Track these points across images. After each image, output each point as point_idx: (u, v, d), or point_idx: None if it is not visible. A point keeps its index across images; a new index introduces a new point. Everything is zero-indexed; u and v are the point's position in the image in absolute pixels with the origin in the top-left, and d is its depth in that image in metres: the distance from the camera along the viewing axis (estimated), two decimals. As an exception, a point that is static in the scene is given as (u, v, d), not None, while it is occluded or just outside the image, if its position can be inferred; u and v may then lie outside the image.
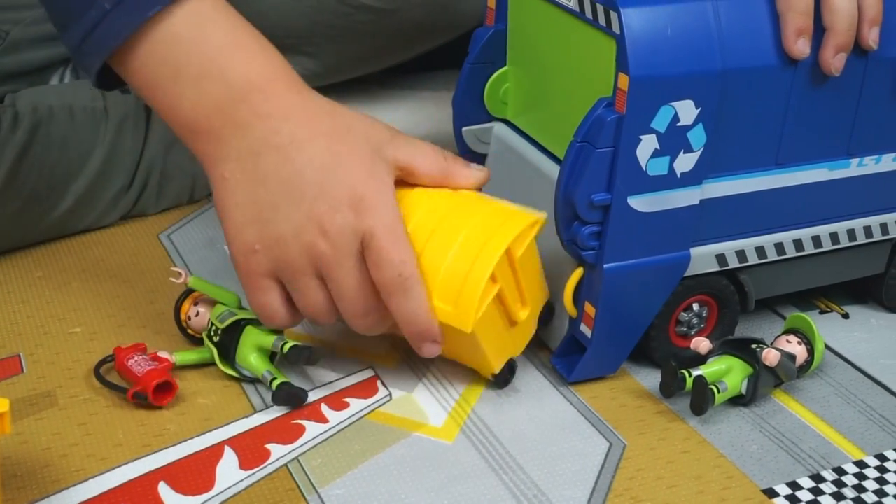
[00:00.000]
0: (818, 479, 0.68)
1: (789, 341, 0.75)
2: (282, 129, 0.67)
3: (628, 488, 0.66)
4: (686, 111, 0.68)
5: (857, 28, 0.71)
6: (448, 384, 0.75)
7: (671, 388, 0.72)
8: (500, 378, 0.74)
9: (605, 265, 0.71)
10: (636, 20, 0.67)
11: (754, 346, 0.73)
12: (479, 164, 0.75)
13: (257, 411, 0.71)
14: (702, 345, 0.74)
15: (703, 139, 0.70)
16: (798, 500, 0.66)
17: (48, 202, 0.89)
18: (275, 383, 0.71)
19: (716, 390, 0.71)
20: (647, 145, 0.68)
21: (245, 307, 0.75)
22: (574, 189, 0.69)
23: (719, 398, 0.71)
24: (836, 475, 0.68)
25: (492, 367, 0.73)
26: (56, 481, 0.65)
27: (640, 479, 0.67)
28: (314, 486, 0.65)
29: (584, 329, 0.73)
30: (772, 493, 0.66)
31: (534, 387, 0.75)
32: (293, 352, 0.71)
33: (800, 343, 0.75)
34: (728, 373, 0.72)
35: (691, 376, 0.72)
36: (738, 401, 0.74)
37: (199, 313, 0.76)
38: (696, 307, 0.76)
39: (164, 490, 0.64)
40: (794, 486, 0.67)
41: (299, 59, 0.96)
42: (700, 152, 0.70)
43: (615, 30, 0.67)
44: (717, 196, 0.73)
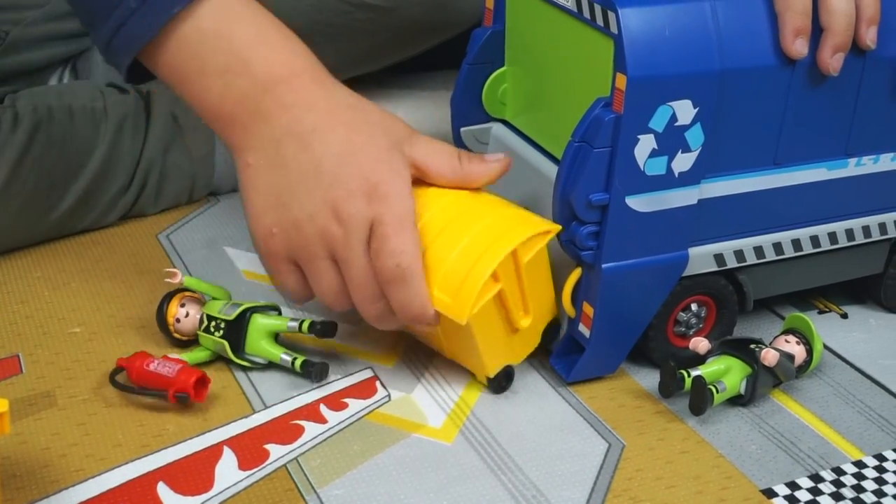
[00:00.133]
0: (817, 479, 0.68)
1: (788, 341, 0.76)
2: (304, 118, 0.69)
3: (627, 488, 0.66)
4: (684, 111, 0.68)
5: (855, 28, 0.71)
6: (447, 385, 0.75)
7: (670, 388, 0.72)
8: (495, 383, 0.74)
9: (604, 265, 0.71)
10: (634, 20, 0.67)
11: (753, 346, 0.73)
12: (498, 154, 0.74)
13: (256, 411, 0.72)
14: (700, 345, 0.74)
15: (701, 139, 0.70)
16: (797, 500, 0.66)
17: (48, 202, 0.89)
18: (297, 363, 0.73)
19: (714, 390, 0.71)
20: (645, 145, 0.68)
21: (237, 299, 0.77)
22: (572, 189, 0.69)
23: (718, 398, 0.71)
24: (834, 475, 0.68)
25: (486, 370, 0.73)
26: (55, 481, 0.65)
27: (638, 479, 0.67)
28: (313, 487, 0.65)
29: (583, 329, 0.73)
30: (771, 493, 0.66)
31: (532, 387, 0.75)
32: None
33: (798, 343, 0.75)
34: (727, 373, 0.72)
35: (690, 376, 0.72)
36: (736, 401, 0.74)
37: (188, 314, 0.76)
38: (694, 307, 0.76)
39: (163, 490, 0.64)
40: (793, 486, 0.67)
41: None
42: (698, 152, 0.70)
43: (613, 30, 0.67)
44: (715, 196, 0.73)
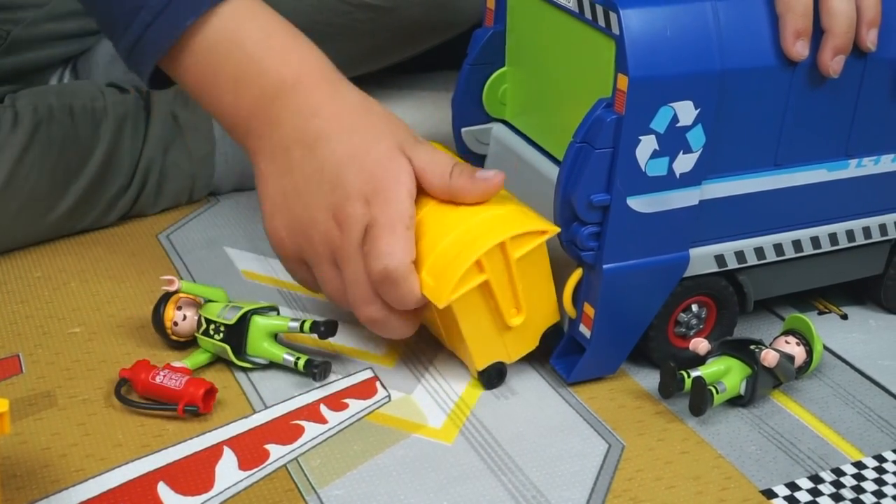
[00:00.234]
0: (817, 479, 0.68)
1: (788, 342, 0.76)
2: (309, 125, 0.71)
3: (627, 489, 0.66)
4: (685, 112, 0.69)
5: (856, 30, 0.71)
6: (447, 385, 0.75)
7: (670, 388, 0.72)
8: (485, 377, 0.74)
9: (605, 266, 0.71)
10: (635, 21, 0.67)
11: (753, 347, 0.73)
12: (495, 170, 0.73)
13: (256, 412, 0.71)
14: (700, 345, 0.74)
15: (703, 140, 0.70)
16: (796, 501, 0.66)
17: (48, 202, 0.89)
18: (300, 363, 0.73)
19: (714, 391, 0.71)
20: (647, 146, 0.68)
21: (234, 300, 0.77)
22: (573, 189, 0.69)
23: (718, 399, 0.72)
24: (834, 476, 0.68)
25: (475, 362, 0.73)
26: (55, 481, 0.65)
27: (638, 479, 0.67)
28: (313, 487, 0.65)
29: (583, 330, 0.73)
30: (770, 493, 0.66)
31: (532, 388, 0.75)
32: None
33: (798, 344, 0.75)
34: (727, 373, 0.73)
35: (690, 377, 0.72)
36: (736, 401, 0.74)
37: (185, 317, 0.76)
38: (694, 308, 0.76)
39: (163, 490, 0.64)
40: (793, 486, 0.67)
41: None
42: (699, 153, 0.70)
43: (614, 30, 0.67)
44: (716, 197, 0.73)
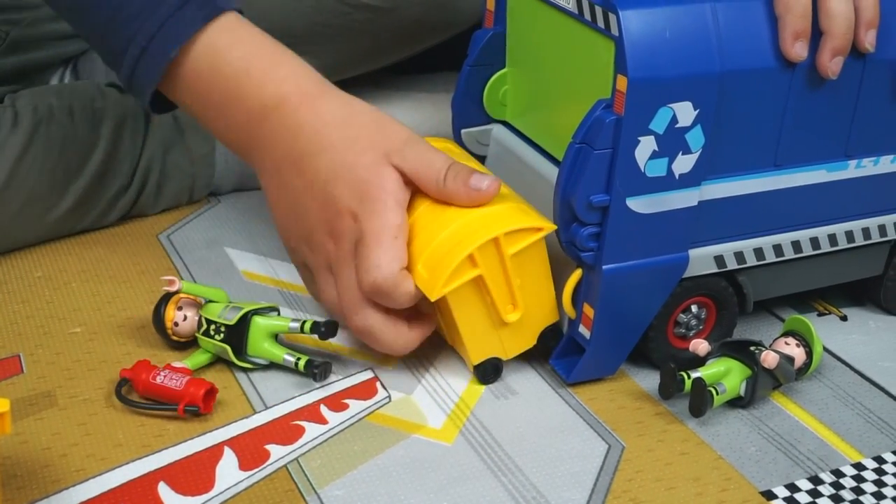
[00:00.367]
0: (816, 481, 0.68)
1: (787, 343, 0.76)
2: (294, 145, 0.73)
3: (627, 490, 0.66)
4: (684, 113, 0.69)
5: (854, 31, 0.71)
6: (447, 386, 0.75)
7: (670, 389, 0.72)
8: (480, 372, 0.74)
9: (604, 266, 0.71)
10: (635, 22, 0.67)
11: (753, 348, 0.73)
12: (491, 178, 0.72)
13: (257, 412, 0.72)
14: (700, 346, 0.74)
15: (702, 141, 0.70)
16: (796, 502, 0.66)
17: (48, 202, 0.89)
18: (300, 364, 0.74)
19: (714, 392, 0.71)
20: (646, 147, 0.69)
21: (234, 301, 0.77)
22: (573, 190, 0.69)
23: (718, 400, 0.72)
24: (834, 477, 0.68)
25: (470, 356, 0.73)
26: (56, 481, 0.65)
27: (638, 480, 0.67)
28: (313, 487, 0.65)
29: (583, 330, 0.73)
30: (770, 494, 0.66)
31: (532, 389, 0.75)
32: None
33: (798, 345, 0.75)
34: (727, 375, 0.73)
35: (690, 378, 0.72)
36: (736, 403, 0.74)
37: (186, 317, 0.76)
38: (694, 309, 0.77)
39: (163, 490, 0.64)
40: (793, 487, 0.67)
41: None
42: (698, 154, 0.70)
43: (614, 32, 0.67)
44: (715, 198, 0.73)
